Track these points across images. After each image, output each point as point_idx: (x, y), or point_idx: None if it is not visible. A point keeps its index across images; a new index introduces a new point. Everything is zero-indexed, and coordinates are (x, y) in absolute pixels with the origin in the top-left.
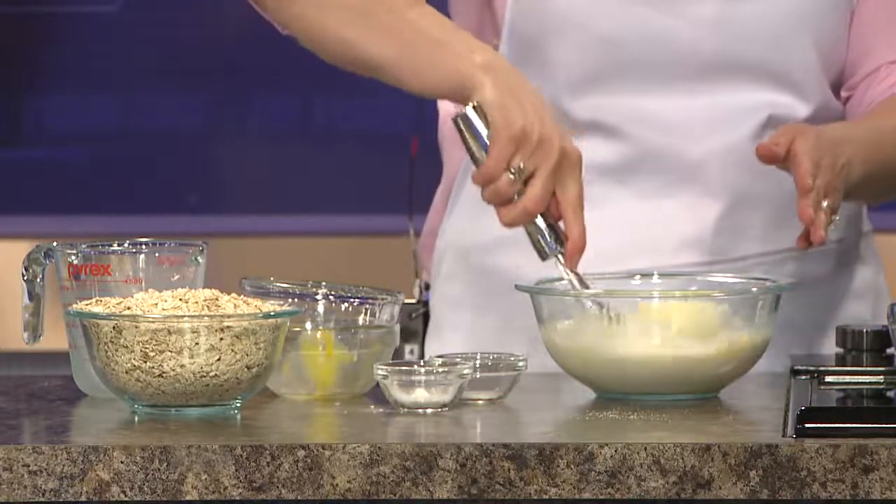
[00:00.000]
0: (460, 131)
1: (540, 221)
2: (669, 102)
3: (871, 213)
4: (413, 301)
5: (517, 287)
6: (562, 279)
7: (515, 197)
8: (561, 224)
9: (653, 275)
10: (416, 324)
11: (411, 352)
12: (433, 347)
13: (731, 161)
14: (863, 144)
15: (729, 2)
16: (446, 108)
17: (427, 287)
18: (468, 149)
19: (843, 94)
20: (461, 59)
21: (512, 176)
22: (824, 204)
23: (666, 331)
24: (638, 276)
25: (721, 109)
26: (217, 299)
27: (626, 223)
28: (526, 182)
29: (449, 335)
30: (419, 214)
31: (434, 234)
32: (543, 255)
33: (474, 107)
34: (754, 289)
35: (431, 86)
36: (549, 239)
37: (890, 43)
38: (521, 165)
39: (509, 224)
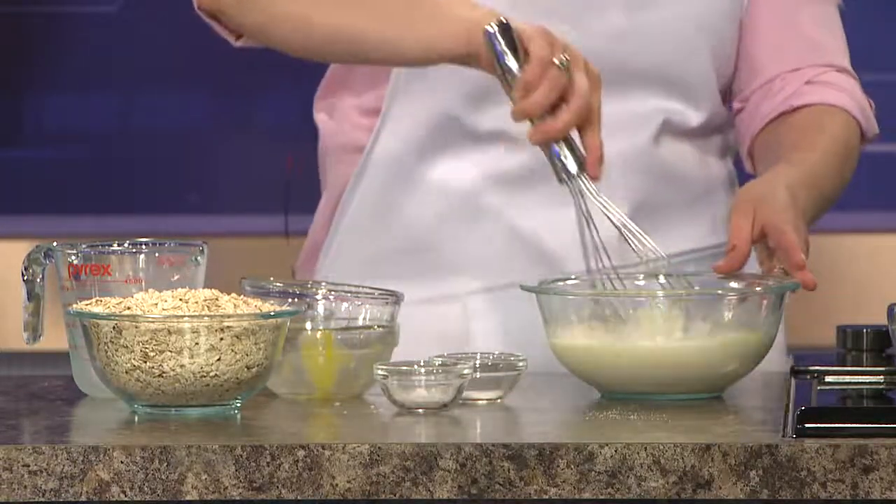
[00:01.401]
0: (495, 43)
1: (562, 143)
2: None
3: (874, 214)
4: None
5: (522, 287)
6: (565, 279)
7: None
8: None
9: (658, 274)
10: None
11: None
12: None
13: (631, 166)
14: (807, 187)
15: (633, 12)
16: (325, 124)
17: None
18: (503, 62)
19: (736, 105)
20: (464, 13)
21: (561, 66)
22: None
23: (671, 330)
24: (642, 276)
25: (620, 116)
26: (217, 299)
27: (532, 233)
28: (553, 107)
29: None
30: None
31: (316, 252)
32: (565, 178)
33: (500, 23)
34: (758, 288)
35: (440, 48)
36: (570, 158)
37: (783, 54)
38: (564, 57)
39: (559, 132)
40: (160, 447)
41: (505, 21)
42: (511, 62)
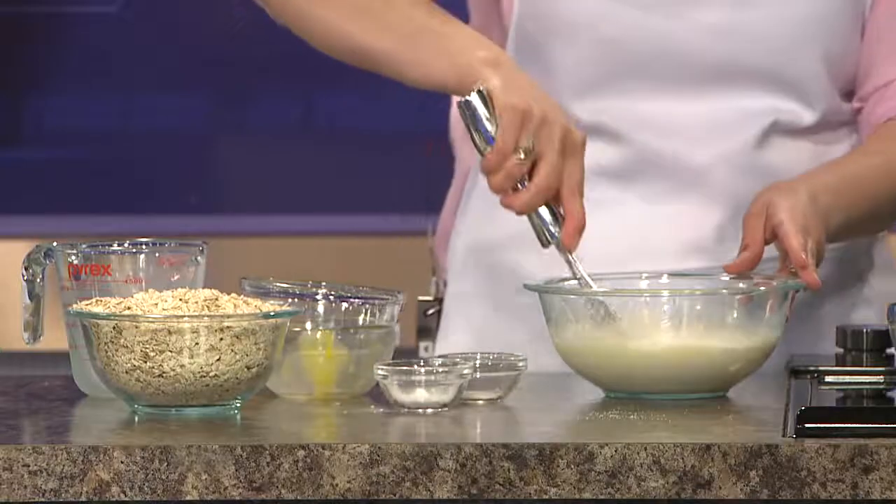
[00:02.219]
0: (465, 117)
1: (542, 209)
2: (674, 107)
3: None
4: (429, 299)
5: (526, 286)
6: (570, 278)
7: (520, 187)
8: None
9: (662, 275)
10: (430, 321)
11: (426, 349)
12: (442, 345)
13: (734, 166)
14: (836, 192)
15: (736, 9)
16: (454, 108)
17: (446, 285)
18: (473, 135)
19: (855, 104)
20: (464, 51)
21: (522, 156)
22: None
23: (675, 329)
24: (646, 276)
25: (725, 114)
26: (217, 299)
27: (628, 227)
28: (531, 169)
29: (459, 332)
30: (434, 214)
31: (447, 233)
32: (545, 242)
33: (479, 91)
34: (762, 288)
35: (434, 78)
36: (550, 225)
37: (889, 63)
38: (530, 144)
39: (523, 209)
40: (160, 447)
41: (484, 90)
42: (481, 138)
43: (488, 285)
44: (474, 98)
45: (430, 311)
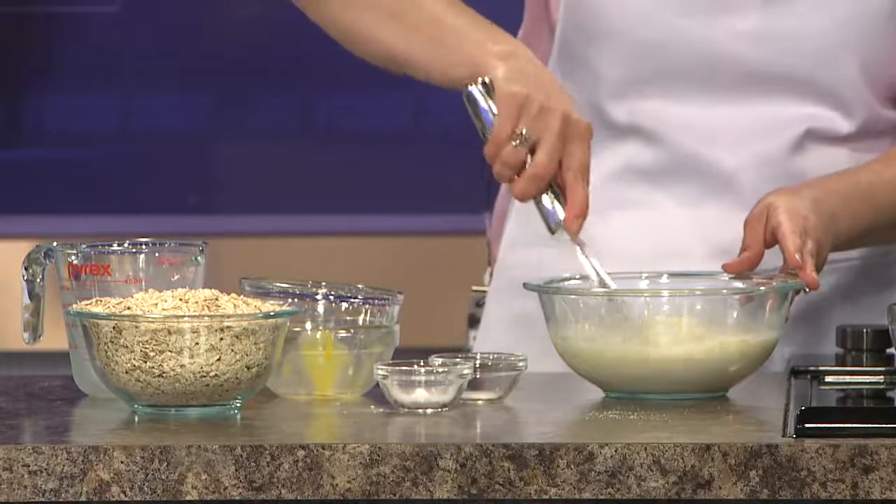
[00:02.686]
0: (468, 108)
1: (545, 196)
2: (709, 111)
3: None
4: (483, 289)
5: (526, 286)
6: (569, 279)
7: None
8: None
9: (662, 275)
10: (481, 312)
11: (474, 338)
12: (479, 339)
13: (766, 172)
14: (846, 199)
15: (770, 16)
16: None
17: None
18: (476, 125)
19: None
20: (479, 47)
21: (515, 143)
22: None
23: (676, 329)
24: (645, 276)
25: (759, 120)
26: (217, 299)
27: (657, 228)
28: (533, 153)
29: (493, 327)
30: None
31: (503, 219)
32: (550, 229)
33: (483, 83)
34: (762, 288)
35: (453, 76)
36: (552, 212)
37: None
38: (524, 132)
39: (521, 195)
40: (160, 447)
41: (488, 82)
42: (485, 121)
43: (518, 282)
44: (473, 89)
45: (482, 302)
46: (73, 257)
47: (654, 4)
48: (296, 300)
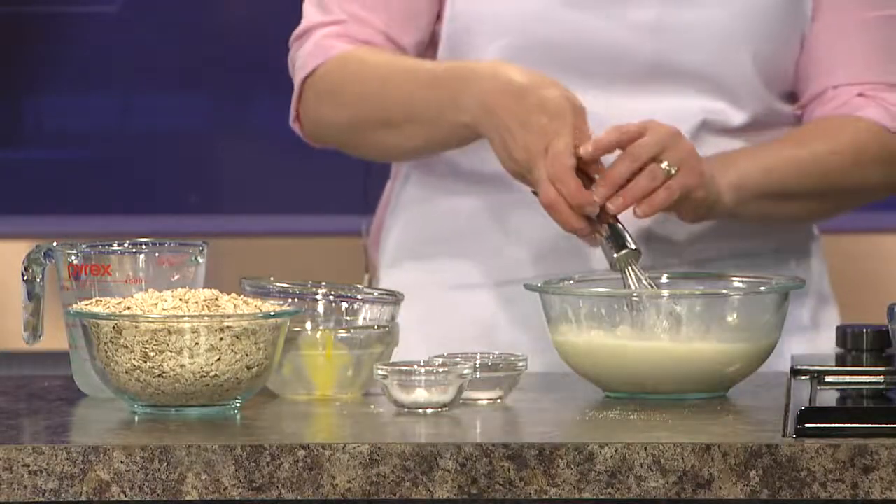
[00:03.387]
0: None
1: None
2: (605, 105)
3: (875, 214)
4: None
5: (526, 286)
6: (568, 279)
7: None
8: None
9: (662, 275)
10: None
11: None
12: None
13: None
14: (737, 156)
15: (668, 9)
16: None
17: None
18: None
19: (796, 111)
20: (455, 125)
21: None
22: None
23: (675, 329)
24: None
25: (657, 112)
26: (217, 299)
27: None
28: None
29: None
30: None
31: (380, 230)
32: (610, 262)
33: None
34: (763, 287)
35: (450, 144)
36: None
37: (834, 68)
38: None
39: (566, 227)
40: (160, 447)
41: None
42: None
43: (424, 283)
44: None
45: None
46: (73, 257)
47: (546, 1)
48: (296, 300)
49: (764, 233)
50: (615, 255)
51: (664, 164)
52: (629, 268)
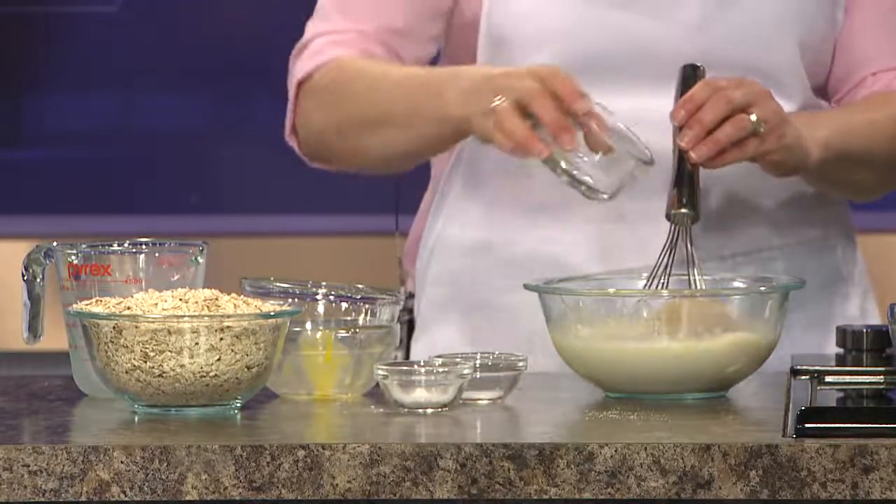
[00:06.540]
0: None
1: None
2: (652, 103)
3: (874, 214)
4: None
5: (526, 286)
6: (569, 279)
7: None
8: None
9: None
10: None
11: (395, 357)
12: (419, 350)
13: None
14: (817, 115)
15: (712, 6)
16: None
17: (411, 296)
18: None
19: (834, 105)
20: (440, 118)
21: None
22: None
23: (675, 330)
24: (645, 275)
25: None
26: (217, 299)
27: (622, 221)
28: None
29: (437, 337)
30: (406, 216)
31: (418, 241)
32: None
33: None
34: (763, 287)
35: (446, 142)
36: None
37: (873, 55)
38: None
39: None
40: (160, 447)
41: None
42: None
43: (463, 292)
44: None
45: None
46: (73, 257)
47: (588, 3)
48: (296, 300)
49: (819, 223)
50: (674, 211)
51: (753, 117)
52: (683, 230)
